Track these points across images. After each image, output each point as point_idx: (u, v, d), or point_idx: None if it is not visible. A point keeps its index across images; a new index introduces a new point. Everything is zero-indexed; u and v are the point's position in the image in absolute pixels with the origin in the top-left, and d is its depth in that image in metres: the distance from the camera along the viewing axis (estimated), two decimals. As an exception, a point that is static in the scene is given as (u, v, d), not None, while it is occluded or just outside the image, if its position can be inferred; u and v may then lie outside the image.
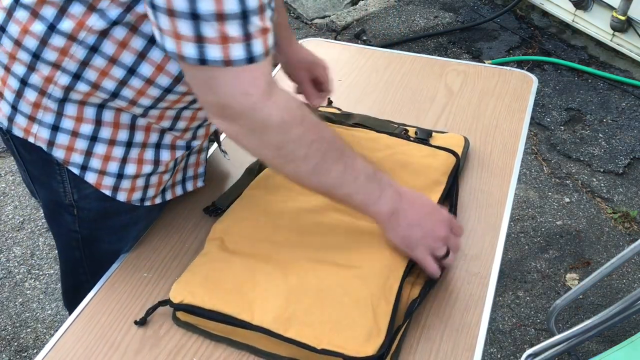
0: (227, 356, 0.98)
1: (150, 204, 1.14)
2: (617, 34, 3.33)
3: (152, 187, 1.12)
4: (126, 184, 1.08)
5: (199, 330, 1.01)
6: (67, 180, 1.06)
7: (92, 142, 1.02)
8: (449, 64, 1.63)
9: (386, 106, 1.49)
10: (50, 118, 0.99)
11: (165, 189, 1.17)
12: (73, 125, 1.00)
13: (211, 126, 1.16)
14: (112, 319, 1.04)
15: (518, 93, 1.52)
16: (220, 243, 1.10)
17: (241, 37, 0.80)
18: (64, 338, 1.01)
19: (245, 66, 0.82)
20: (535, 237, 2.50)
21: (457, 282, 1.08)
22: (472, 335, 1.00)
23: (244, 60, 0.82)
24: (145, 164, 1.07)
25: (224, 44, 0.80)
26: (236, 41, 0.80)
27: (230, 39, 0.79)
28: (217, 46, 0.80)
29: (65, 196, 1.08)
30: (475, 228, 1.18)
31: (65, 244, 1.19)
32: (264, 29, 0.82)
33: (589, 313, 2.21)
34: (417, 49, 3.56)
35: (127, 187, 1.08)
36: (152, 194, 1.13)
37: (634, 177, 2.76)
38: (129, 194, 1.09)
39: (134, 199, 1.10)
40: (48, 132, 1.00)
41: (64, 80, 0.95)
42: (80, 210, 1.11)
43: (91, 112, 1.00)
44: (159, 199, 1.16)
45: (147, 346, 0.99)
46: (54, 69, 0.95)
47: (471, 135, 1.39)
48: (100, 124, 1.01)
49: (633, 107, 3.13)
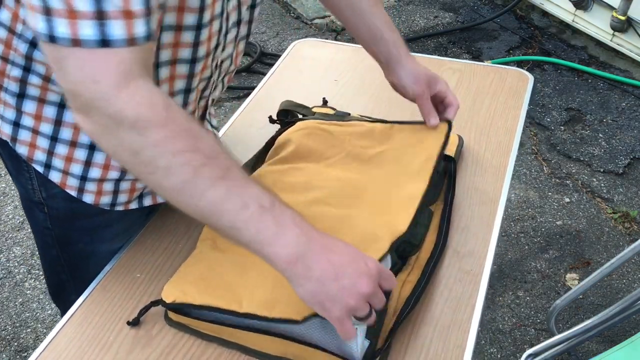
0: (218, 355, 0.98)
1: (124, 209, 1.10)
2: (617, 34, 3.32)
3: (123, 193, 1.08)
4: (92, 187, 1.04)
5: (191, 330, 1.01)
6: (34, 177, 1.04)
7: (53, 142, 0.99)
8: (445, 63, 1.63)
9: (381, 105, 1.49)
10: (11, 114, 0.98)
11: (143, 195, 1.13)
12: (33, 123, 0.98)
13: None
14: (104, 319, 1.04)
15: (514, 91, 1.52)
16: (212, 243, 1.10)
17: (92, 13, 0.70)
18: (57, 339, 1.01)
19: (97, 49, 0.72)
20: (535, 237, 2.49)
21: (450, 280, 1.08)
22: (463, 333, 0.99)
23: (95, 42, 0.72)
24: (111, 170, 1.03)
25: (71, 19, 0.71)
26: (85, 17, 0.70)
27: (78, 13, 0.70)
28: (65, 20, 0.71)
29: (34, 193, 1.07)
30: (469, 226, 1.18)
31: (42, 242, 1.18)
32: (129, 12, 0.72)
33: (589, 313, 2.20)
34: (417, 49, 3.56)
35: (93, 190, 1.04)
36: (124, 199, 1.09)
37: (634, 177, 2.75)
38: (97, 197, 1.06)
39: (102, 203, 1.07)
40: (10, 127, 0.99)
41: (16, 73, 0.93)
42: (50, 208, 1.09)
43: (51, 112, 0.97)
44: (134, 204, 1.12)
45: (139, 346, 0.99)
46: (4, 62, 0.93)
47: (466, 133, 1.39)
48: (61, 124, 0.97)
49: (633, 107, 3.12)
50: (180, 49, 0.93)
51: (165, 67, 0.94)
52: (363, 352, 0.94)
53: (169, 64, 0.94)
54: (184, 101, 1.02)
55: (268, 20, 3.86)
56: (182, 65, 0.96)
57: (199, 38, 0.94)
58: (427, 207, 1.16)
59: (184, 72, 0.97)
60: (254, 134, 1.42)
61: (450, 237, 1.15)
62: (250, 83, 3.31)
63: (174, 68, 0.95)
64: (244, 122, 1.47)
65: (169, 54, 0.93)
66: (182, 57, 0.95)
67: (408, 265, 1.07)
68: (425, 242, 1.12)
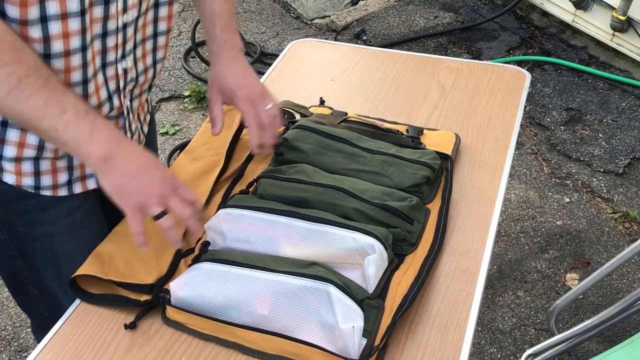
0: (216, 354, 0.98)
1: (52, 194, 1.11)
2: (617, 34, 3.32)
3: (45, 174, 1.09)
4: (9, 167, 1.06)
5: (188, 330, 1.01)
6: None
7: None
8: (442, 62, 1.63)
9: (378, 104, 1.49)
10: None
11: (72, 181, 1.13)
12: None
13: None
14: (102, 319, 1.04)
15: (511, 89, 1.52)
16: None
17: None
18: (55, 339, 1.01)
19: None
20: (535, 237, 2.49)
21: (447, 278, 1.08)
22: (460, 331, 0.99)
23: None
24: (27, 148, 1.04)
25: None
26: None
27: None
28: None
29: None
30: (466, 224, 1.18)
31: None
32: None
33: (589, 313, 2.20)
34: (417, 49, 3.56)
35: (12, 170, 1.06)
36: (48, 182, 1.10)
37: (634, 177, 2.74)
38: (17, 178, 1.07)
39: (25, 185, 1.08)
40: None
41: None
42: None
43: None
44: (63, 190, 1.13)
45: (137, 346, 1.00)
46: None
47: (463, 131, 1.39)
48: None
49: (633, 107, 3.12)
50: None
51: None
52: (360, 350, 0.94)
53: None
54: (83, 93, 1.03)
55: (268, 20, 3.87)
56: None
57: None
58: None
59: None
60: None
61: (448, 235, 1.15)
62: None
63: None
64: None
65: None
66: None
67: (405, 264, 1.07)
68: (422, 240, 1.12)
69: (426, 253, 1.10)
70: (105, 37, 1.01)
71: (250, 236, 1.08)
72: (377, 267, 1.02)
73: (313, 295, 0.97)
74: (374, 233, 1.04)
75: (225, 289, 1.00)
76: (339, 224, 1.07)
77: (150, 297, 1.04)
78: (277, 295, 0.98)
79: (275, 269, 1.00)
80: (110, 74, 1.06)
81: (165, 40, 1.15)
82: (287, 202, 1.15)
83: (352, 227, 1.06)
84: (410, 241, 1.10)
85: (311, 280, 0.98)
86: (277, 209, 1.10)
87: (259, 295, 0.99)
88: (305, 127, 1.29)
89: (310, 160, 1.24)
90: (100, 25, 0.99)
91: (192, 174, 1.24)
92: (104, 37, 1.01)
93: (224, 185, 1.26)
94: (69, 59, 0.96)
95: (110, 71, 1.06)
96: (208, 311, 1.01)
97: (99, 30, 0.99)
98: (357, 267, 1.04)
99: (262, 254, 1.06)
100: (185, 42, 3.65)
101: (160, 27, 1.12)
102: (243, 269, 1.01)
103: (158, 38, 1.13)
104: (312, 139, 1.27)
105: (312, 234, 1.06)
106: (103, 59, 1.03)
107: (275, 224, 1.08)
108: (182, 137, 3.02)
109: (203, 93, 3.22)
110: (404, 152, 1.24)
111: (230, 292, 1.00)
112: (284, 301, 0.98)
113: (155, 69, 1.17)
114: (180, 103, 3.24)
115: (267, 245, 1.07)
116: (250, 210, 1.10)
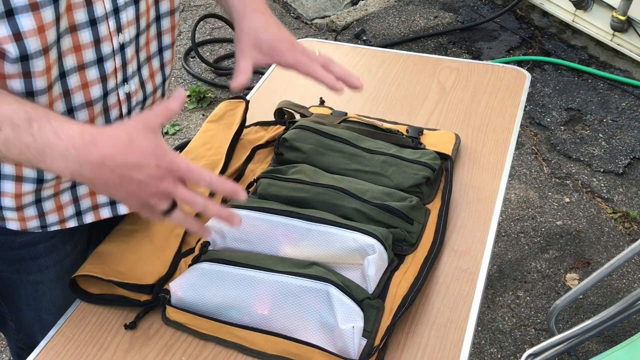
0: (215, 354, 0.98)
1: (60, 227, 1.06)
2: (617, 34, 3.32)
3: (50, 213, 1.03)
4: (12, 215, 1.01)
5: (189, 330, 1.01)
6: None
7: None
8: (442, 62, 1.63)
9: (379, 104, 1.49)
10: None
11: (82, 212, 1.07)
12: None
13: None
14: (102, 319, 1.04)
15: (511, 89, 1.52)
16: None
17: None
18: (55, 339, 1.01)
19: None
20: (535, 237, 2.49)
21: (447, 278, 1.08)
22: (460, 331, 0.99)
23: None
24: (25, 195, 0.98)
25: None
26: None
27: None
28: None
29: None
30: (466, 224, 1.18)
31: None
32: None
33: (589, 313, 2.20)
34: (417, 49, 3.56)
35: (14, 218, 1.01)
36: (54, 219, 1.04)
37: (634, 177, 2.74)
38: (22, 224, 1.02)
39: (30, 227, 1.03)
40: None
41: None
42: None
43: None
44: (72, 222, 1.07)
45: (137, 346, 0.99)
46: None
47: (463, 131, 1.39)
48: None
49: (633, 107, 3.12)
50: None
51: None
52: (360, 350, 0.94)
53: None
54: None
55: (268, 21, 3.86)
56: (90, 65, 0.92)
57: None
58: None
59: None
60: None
61: (448, 235, 1.15)
62: (250, 83, 3.31)
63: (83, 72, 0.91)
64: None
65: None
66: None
67: (405, 264, 1.07)
68: (422, 240, 1.12)
69: (426, 253, 1.10)
70: (101, 63, 0.92)
71: (250, 236, 1.08)
72: (377, 267, 1.02)
73: (313, 295, 0.97)
74: (374, 233, 1.04)
75: (225, 289, 1.00)
76: (339, 224, 1.07)
77: (150, 297, 1.04)
78: (277, 295, 0.98)
79: (275, 269, 1.00)
80: (112, 101, 0.98)
81: (171, 54, 1.06)
82: (287, 202, 1.15)
83: (352, 227, 1.06)
84: (410, 241, 1.10)
85: (311, 281, 0.98)
86: (277, 209, 1.10)
87: (259, 296, 0.99)
88: (305, 127, 1.29)
89: (310, 161, 1.24)
90: (92, 50, 0.90)
91: None
92: (100, 62, 0.92)
93: None
94: (51, 93, 0.88)
95: (112, 99, 0.97)
96: (208, 311, 1.00)
97: (92, 57, 0.91)
98: (357, 267, 1.04)
99: (262, 254, 1.06)
100: (185, 42, 3.65)
101: (165, 41, 1.04)
102: (243, 269, 1.01)
103: (164, 53, 1.05)
104: (312, 139, 1.27)
105: (312, 234, 1.06)
106: (104, 87, 0.94)
107: (275, 224, 1.08)
108: (182, 137, 3.02)
109: (203, 93, 3.22)
110: (404, 152, 1.24)
111: (230, 292, 1.00)
112: (284, 301, 0.98)
113: (164, 87, 1.09)
114: (180, 103, 3.23)
115: (267, 245, 1.07)
116: (250, 210, 1.10)
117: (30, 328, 1.19)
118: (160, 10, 1.00)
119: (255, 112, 1.46)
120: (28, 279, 1.11)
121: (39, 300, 1.14)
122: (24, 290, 1.13)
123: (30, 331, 1.20)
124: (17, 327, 1.21)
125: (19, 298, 1.14)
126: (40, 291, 1.13)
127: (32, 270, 1.10)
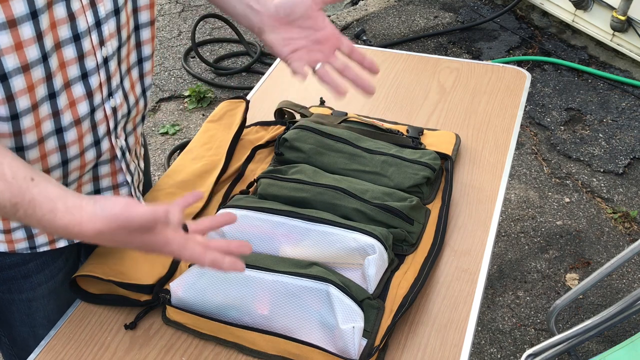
0: (216, 355, 0.98)
1: (50, 248, 1.05)
2: (617, 34, 3.32)
3: (40, 234, 1.03)
4: (0, 238, 1.00)
5: (188, 330, 1.01)
6: None
7: None
8: (442, 62, 1.63)
9: (379, 104, 1.49)
10: None
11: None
12: None
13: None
14: (102, 319, 1.04)
15: (511, 89, 1.52)
16: None
17: None
18: (55, 339, 1.01)
19: None
20: (535, 237, 2.49)
21: (447, 278, 1.08)
22: (460, 331, 0.99)
23: None
24: (13, 220, 0.97)
25: None
26: None
27: None
28: None
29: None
30: (466, 224, 1.18)
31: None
32: None
33: (589, 313, 2.20)
34: (417, 49, 3.56)
35: (2, 240, 1.00)
36: (43, 240, 1.04)
37: (634, 177, 2.75)
38: (10, 246, 1.01)
39: (19, 249, 1.02)
40: None
41: None
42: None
43: None
44: (62, 242, 1.06)
45: (137, 346, 0.99)
46: None
47: (463, 132, 1.39)
48: None
49: (633, 107, 3.12)
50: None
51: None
52: (360, 350, 0.94)
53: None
54: (59, 143, 0.93)
55: (268, 22, 3.86)
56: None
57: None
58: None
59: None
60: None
61: (448, 236, 1.15)
62: (250, 83, 3.32)
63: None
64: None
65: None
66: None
67: (405, 264, 1.07)
68: (422, 240, 1.12)
69: (426, 253, 1.10)
70: (86, 79, 0.91)
71: (250, 236, 1.08)
72: (377, 267, 1.02)
73: (313, 295, 0.97)
74: (374, 233, 1.04)
75: (226, 289, 1.00)
76: (339, 224, 1.07)
77: (151, 297, 1.04)
78: (277, 295, 0.98)
79: (276, 269, 1.00)
80: (99, 117, 0.96)
81: (151, 65, 1.05)
82: (287, 202, 1.15)
83: (352, 227, 1.06)
84: (410, 241, 1.11)
85: (311, 281, 0.98)
86: (277, 209, 1.10)
87: (259, 296, 0.98)
88: (305, 127, 1.29)
89: (310, 161, 1.24)
90: (76, 66, 0.89)
91: (192, 174, 1.24)
92: (84, 78, 0.91)
93: (224, 186, 1.26)
94: (37, 112, 0.87)
95: (99, 114, 0.96)
96: (208, 311, 1.00)
97: (76, 73, 0.89)
98: (357, 267, 1.04)
99: (262, 254, 1.06)
100: (185, 42, 3.65)
101: (145, 52, 1.02)
102: None
103: (144, 64, 1.04)
104: (312, 139, 1.27)
105: (312, 234, 1.06)
106: (90, 103, 0.93)
107: (275, 224, 1.08)
108: (182, 137, 3.02)
109: (203, 93, 3.22)
110: (404, 153, 1.25)
111: (230, 292, 1.00)
112: (284, 301, 0.98)
113: (145, 97, 1.07)
114: (180, 103, 3.24)
115: (267, 245, 1.07)
116: (250, 210, 1.10)
117: (25, 342, 1.18)
118: (139, 20, 0.99)
119: (255, 112, 1.46)
120: (20, 297, 1.10)
121: (32, 317, 1.13)
122: (17, 308, 1.12)
123: (25, 345, 1.19)
124: (11, 343, 1.20)
125: (12, 316, 1.13)
126: (33, 308, 1.12)
127: (24, 288, 1.09)
